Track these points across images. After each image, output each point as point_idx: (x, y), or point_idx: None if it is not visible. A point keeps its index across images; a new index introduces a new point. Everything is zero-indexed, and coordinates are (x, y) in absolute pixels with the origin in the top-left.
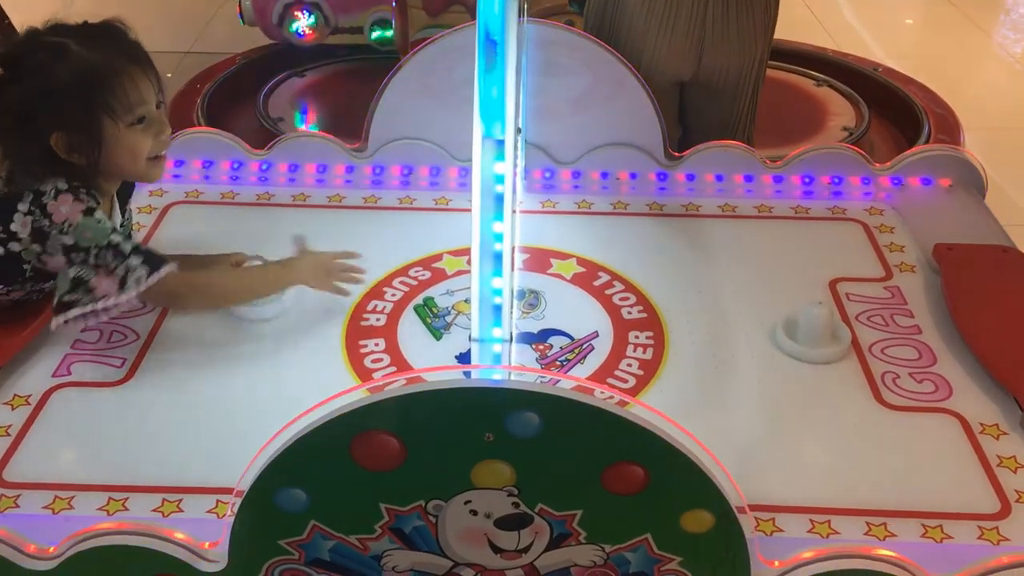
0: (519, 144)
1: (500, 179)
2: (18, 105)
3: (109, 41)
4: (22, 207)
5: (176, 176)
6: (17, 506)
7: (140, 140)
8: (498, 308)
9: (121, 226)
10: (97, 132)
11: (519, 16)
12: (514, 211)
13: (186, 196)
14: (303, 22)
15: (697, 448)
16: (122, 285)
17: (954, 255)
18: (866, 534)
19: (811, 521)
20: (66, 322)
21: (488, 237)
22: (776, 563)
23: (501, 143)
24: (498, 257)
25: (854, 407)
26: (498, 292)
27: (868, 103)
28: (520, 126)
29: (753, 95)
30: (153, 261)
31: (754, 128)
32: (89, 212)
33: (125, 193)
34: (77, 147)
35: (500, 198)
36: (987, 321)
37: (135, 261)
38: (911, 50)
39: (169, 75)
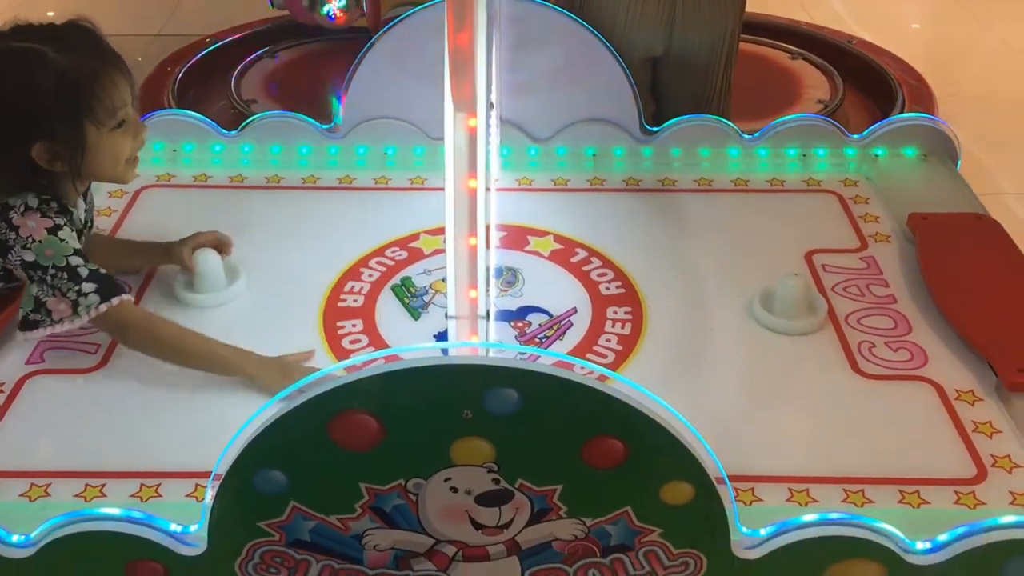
0: (493, 120)
1: (474, 152)
2: None
3: (83, 44)
4: None
5: (146, 159)
6: None
7: (121, 144)
8: (475, 284)
9: (85, 212)
10: (81, 139)
11: None
12: (488, 188)
13: (157, 179)
14: (335, 4)
15: (676, 421)
16: (74, 309)
17: (928, 224)
18: (844, 501)
19: (790, 490)
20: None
21: (462, 215)
22: (757, 531)
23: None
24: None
25: (831, 377)
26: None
27: (843, 75)
28: (492, 101)
29: (726, 69)
30: (106, 289)
31: (730, 102)
32: (54, 231)
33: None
34: (60, 155)
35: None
36: (961, 289)
37: (88, 287)
38: (885, 22)
39: (139, 59)
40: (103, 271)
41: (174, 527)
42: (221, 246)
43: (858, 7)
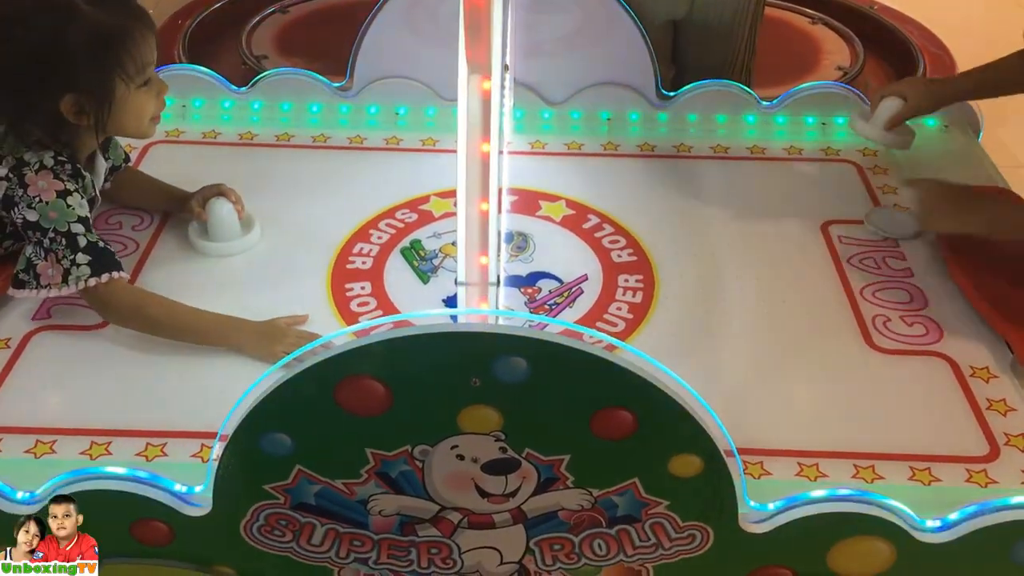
0: (507, 82)
1: (487, 115)
2: (26, 67)
3: (114, 1)
4: (0, 171)
5: None
6: None
7: (145, 101)
8: (486, 250)
9: (109, 162)
10: (110, 94)
11: None
12: (501, 152)
13: (166, 135)
14: None
15: (685, 392)
16: (64, 278)
17: None
18: (854, 477)
19: (799, 464)
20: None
21: (474, 180)
22: (765, 506)
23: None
24: (486, 197)
25: (844, 350)
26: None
27: (863, 41)
28: (507, 63)
29: (751, 35)
30: (100, 264)
31: (753, 67)
32: (63, 195)
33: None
34: (87, 109)
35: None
36: (979, 264)
37: (83, 259)
38: None
39: (150, 11)
40: (103, 244)
41: (179, 487)
42: (234, 200)
43: None
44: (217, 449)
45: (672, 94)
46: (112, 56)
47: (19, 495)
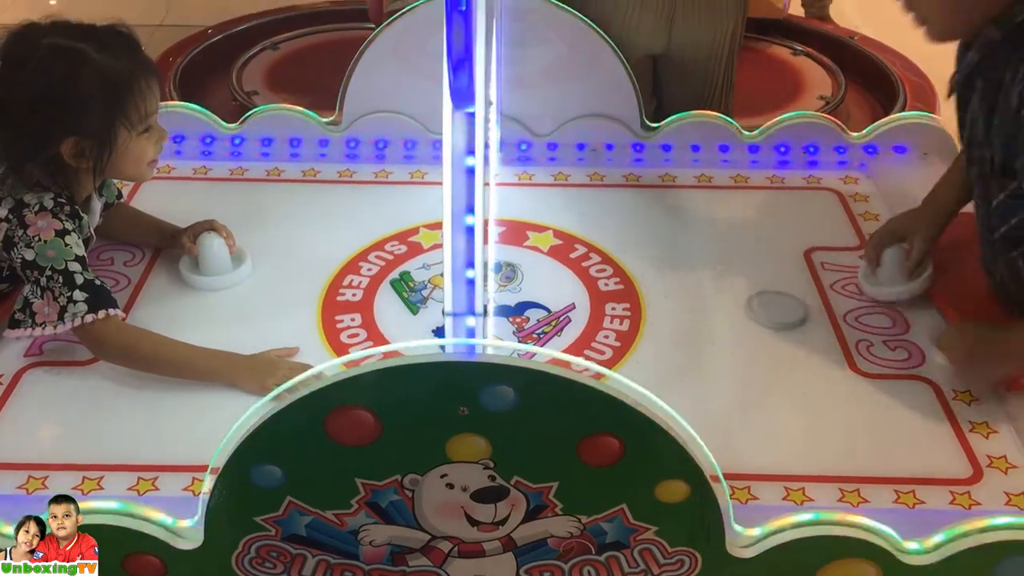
0: (493, 116)
1: (472, 153)
2: (35, 110)
3: (122, 48)
4: (0, 212)
5: None
6: None
7: (145, 147)
8: (472, 282)
9: (103, 199)
10: (111, 140)
11: None
12: (487, 183)
13: (158, 172)
14: None
15: (672, 418)
16: (60, 316)
17: None
18: (840, 500)
19: (786, 489)
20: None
21: (460, 212)
22: (751, 531)
23: (472, 116)
24: (471, 231)
25: (828, 375)
26: (471, 265)
27: (845, 72)
28: (493, 98)
29: (727, 69)
30: (97, 301)
31: (732, 100)
32: (61, 234)
33: None
34: (87, 153)
35: (472, 171)
36: (960, 288)
37: (79, 296)
38: (888, 17)
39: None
40: (99, 282)
41: (170, 521)
42: (225, 235)
43: (861, 1)
44: (208, 482)
45: (656, 125)
46: (118, 104)
47: (11, 531)
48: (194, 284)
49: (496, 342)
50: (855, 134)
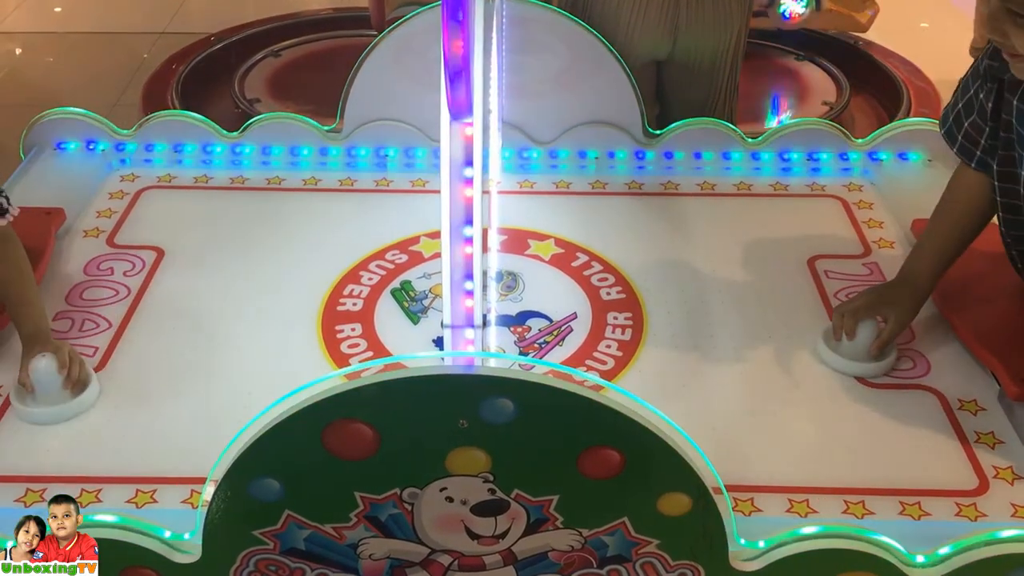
0: (494, 124)
1: (470, 162)
2: None
3: None
4: None
5: (147, 160)
6: None
7: None
8: (471, 294)
9: None
10: None
11: None
12: (486, 192)
13: (158, 181)
14: (794, 3)
15: (672, 430)
16: None
17: None
18: (844, 512)
19: (790, 500)
20: None
21: (458, 224)
22: (756, 543)
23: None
24: (469, 243)
25: (833, 385)
26: (470, 277)
27: (849, 77)
28: (491, 107)
29: (731, 74)
30: None
31: (736, 106)
32: None
33: None
34: None
35: (470, 183)
36: (966, 298)
37: None
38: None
39: (145, 55)
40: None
41: (169, 534)
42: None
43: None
44: (207, 492)
45: (659, 132)
46: None
47: (9, 544)
48: (25, 417)
49: (496, 354)
50: (859, 140)
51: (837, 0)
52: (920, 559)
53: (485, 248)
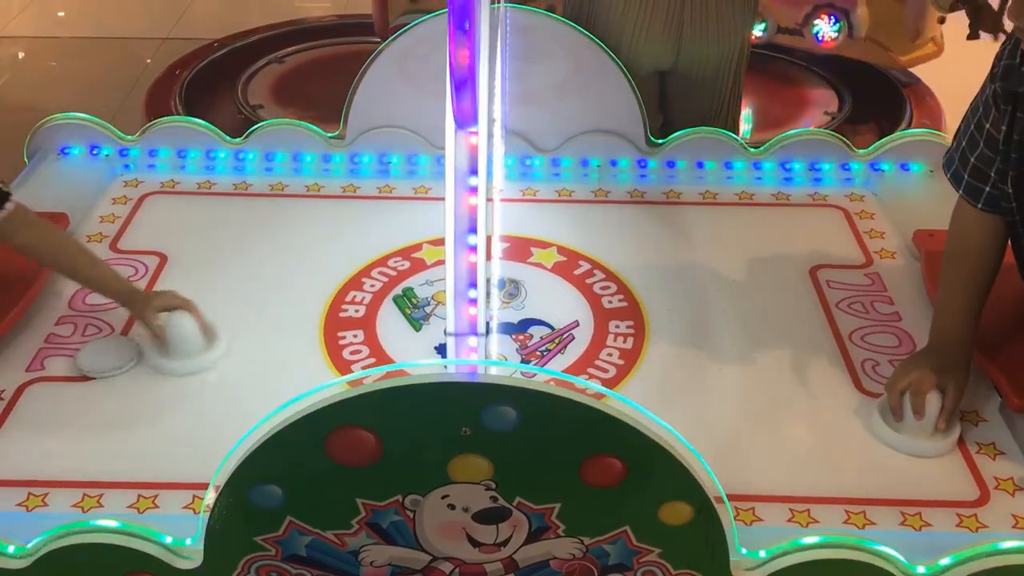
0: (498, 132)
1: (475, 170)
2: None
3: None
4: None
5: (151, 166)
6: None
7: None
8: (474, 302)
9: None
10: None
11: (492, 1)
12: (490, 199)
13: (161, 186)
14: (827, 27)
15: (674, 439)
16: None
17: (934, 241)
18: (845, 522)
19: (791, 510)
20: None
21: (462, 232)
22: (757, 552)
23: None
24: (473, 252)
25: (834, 395)
26: (473, 285)
27: (851, 87)
28: (495, 115)
29: (735, 84)
30: None
31: (739, 117)
32: None
33: None
34: None
35: (474, 191)
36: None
37: None
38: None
39: (148, 61)
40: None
41: (170, 540)
42: (190, 309)
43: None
44: (209, 498)
45: (661, 141)
46: None
47: (10, 549)
48: (164, 370)
49: (498, 362)
50: (861, 151)
51: (878, 31)
52: (921, 570)
53: (488, 256)
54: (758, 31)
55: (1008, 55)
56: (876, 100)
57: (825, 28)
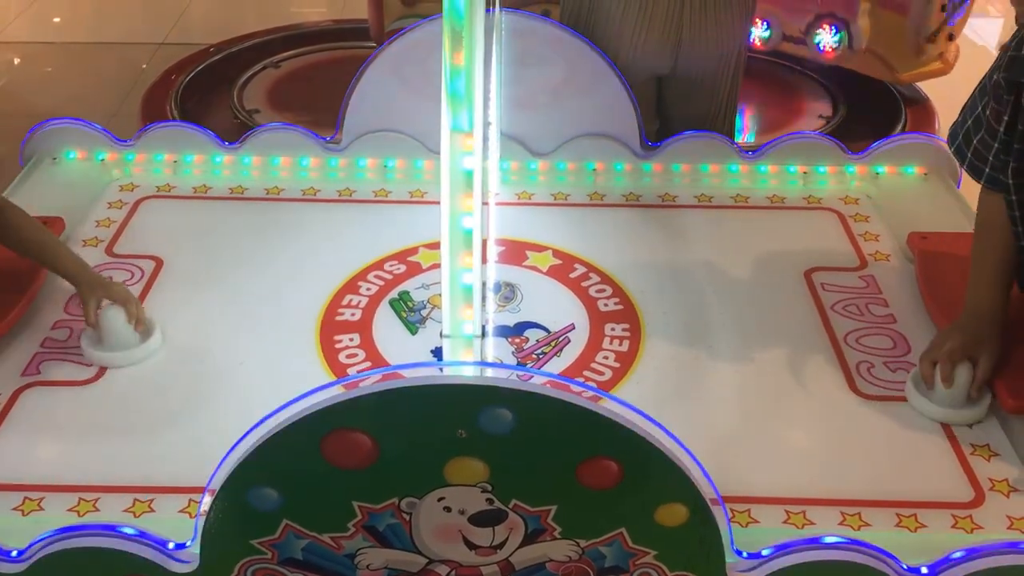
0: (493, 135)
1: (469, 173)
2: None
3: None
4: None
5: (147, 170)
6: None
7: None
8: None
9: None
10: None
11: (488, 6)
12: (485, 203)
13: (157, 191)
14: (828, 38)
15: (670, 441)
16: None
17: (928, 244)
18: (841, 524)
19: (786, 512)
20: None
21: (458, 232)
22: (753, 554)
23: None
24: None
25: (829, 397)
26: (469, 288)
27: (845, 91)
28: (491, 119)
29: (732, 89)
30: None
31: (735, 122)
32: None
33: None
34: None
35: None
36: (961, 310)
37: None
38: None
39: (144, 66)
40: None
41: (167, 544)
42: (127, 304)
43: None
44: (205, 503)
45: (656, 144)
46: None
47: (7, 553)
48: (97, 360)
49: (495, 364)
50: (856, 153)
51: (878, 44)
52: (917, 571)
53: (484, 259)
54: (763, 37)
55: (1015, 47)
56: (870, 103)
57: (826, 38)
